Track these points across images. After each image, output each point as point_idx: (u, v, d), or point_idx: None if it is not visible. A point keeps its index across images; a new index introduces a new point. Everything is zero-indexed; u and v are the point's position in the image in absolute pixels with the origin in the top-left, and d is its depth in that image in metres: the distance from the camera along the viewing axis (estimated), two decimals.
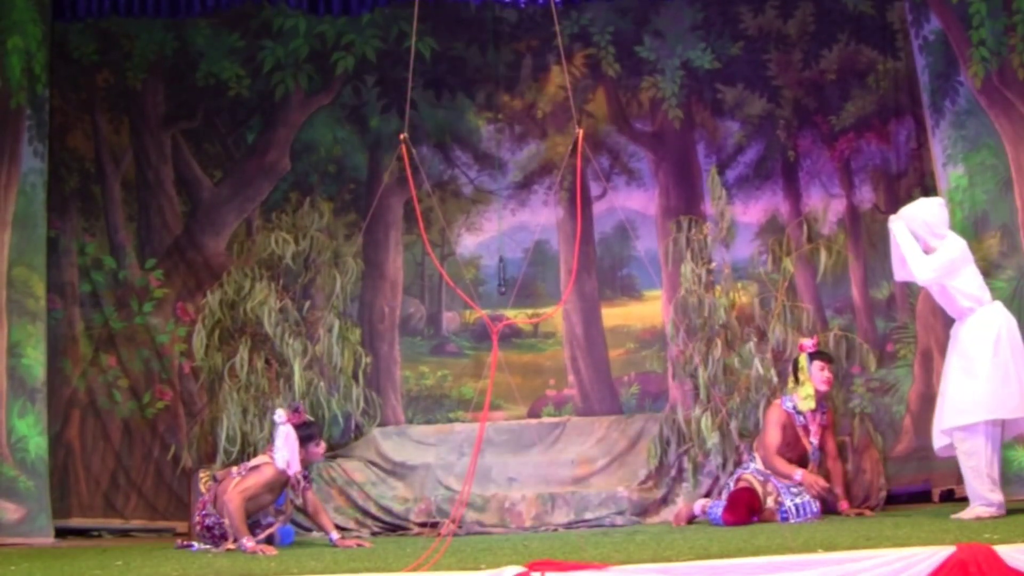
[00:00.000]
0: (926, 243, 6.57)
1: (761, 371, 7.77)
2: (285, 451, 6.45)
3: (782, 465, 7.18)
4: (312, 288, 8.43)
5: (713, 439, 7.73)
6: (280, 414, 6.54)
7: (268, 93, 8.90)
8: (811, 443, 7.32)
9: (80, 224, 8.72)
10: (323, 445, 6.82)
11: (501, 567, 4.37)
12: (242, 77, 8.91)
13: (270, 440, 6.72)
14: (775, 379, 7.79)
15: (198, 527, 6.75)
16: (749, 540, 5.47)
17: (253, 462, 6.65)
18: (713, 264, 8.20)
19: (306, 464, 6.67)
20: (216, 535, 6.56)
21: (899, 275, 6.78)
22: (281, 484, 6.59)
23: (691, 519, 7.43)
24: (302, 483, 6.61)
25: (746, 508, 6.99)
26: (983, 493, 6.22)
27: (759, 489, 7.14)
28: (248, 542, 6.19)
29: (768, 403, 7.56)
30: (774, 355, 7.92)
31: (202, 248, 8.73)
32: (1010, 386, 6.26)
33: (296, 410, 6.63)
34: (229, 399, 7.79)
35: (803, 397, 7.26)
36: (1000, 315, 6.46)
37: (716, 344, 7.94)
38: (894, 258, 6.72)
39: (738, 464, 7.59)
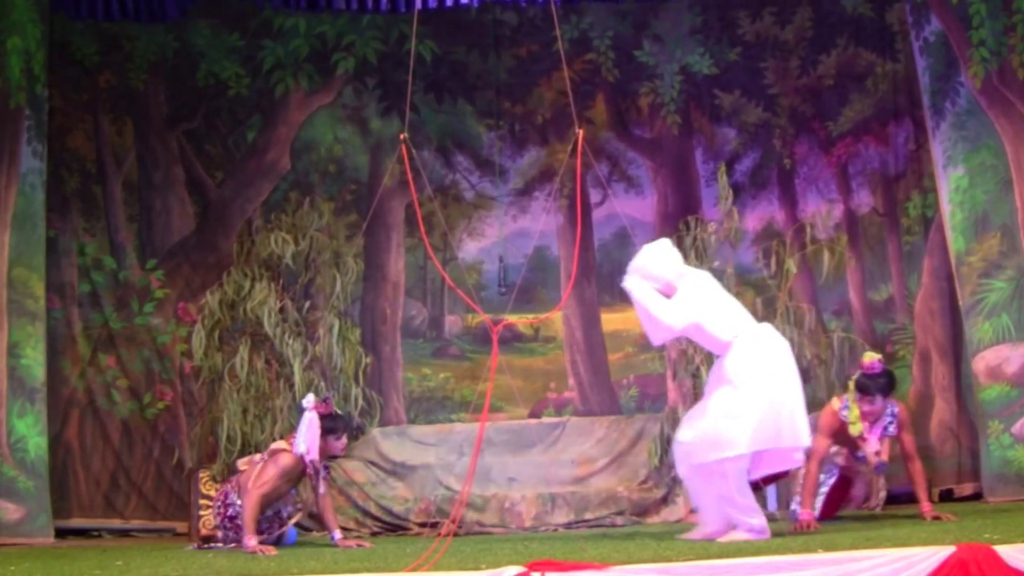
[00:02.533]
0: (669, 285, 6.19)
1: None
2: (306, 438, 6.39)
3: (810, 483, 6.69)
4: (312, 288, 8.44)
5: None
6: (309, 399, 6.49)
7: (268, 92, 8.91)
8: (864, 452, 6.91)
9: (80, 224, 8.72)
10: (345, 440, 6.70)
11: (501, 567, 4.37)
12: (242, 77, 8.92)
13: (293, 428, 6.64)
14: None
15: (219, 518, 6.73)
16: (749, 540, 5.48)
17: (273, 446, 6.62)
18: (716, 264, 8.19)
19: (324, 456, 6.59)
20: (240, 525, 6.51)
21: (655, 337, 6.24)
22: (299, 473, 6.54)
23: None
24: (321, 472, 6.55)
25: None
26: (743, 519, 5.86)
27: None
28: (251, 541, 6.18)
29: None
30: None
31: (216, 248, 8.74)
32: (775, 415, 5.88)
33: (325, 400, 6.57)
34: (229, 399, 7.79)
35: (852, 421, 6.86)
36: (765, 340, 6.09)
37: None
38: (642, 320, 6.20)
39: None
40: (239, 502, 6.56)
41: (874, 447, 6.84)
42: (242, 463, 6.82)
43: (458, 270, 8.55)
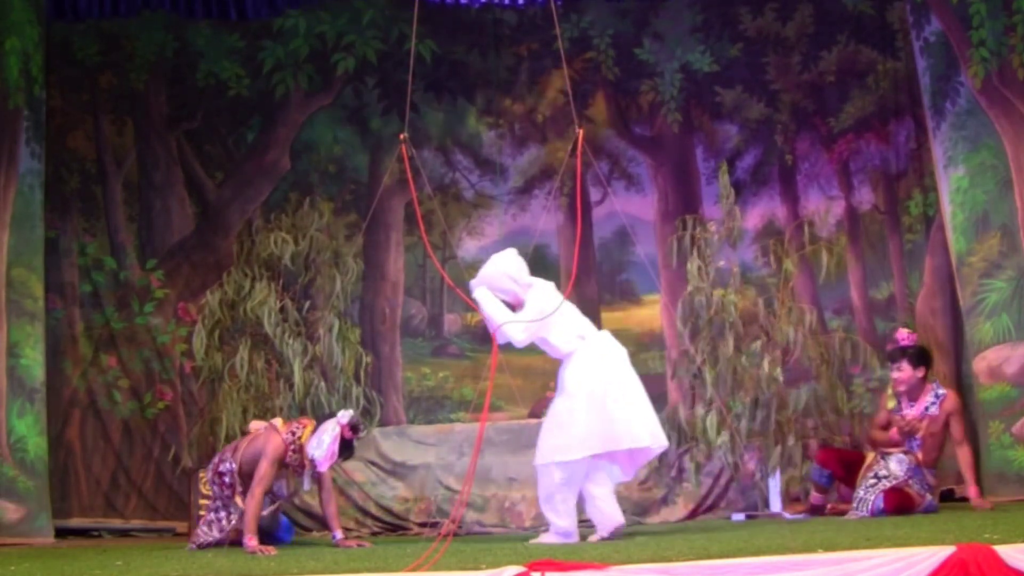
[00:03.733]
0: (516, 295, 6.33)
1: (768, 370, 7.76)
2: (325, 451, 6.38)
3: (879, 436, 7.23)
4: (312, 288, 8.44)
5: (722, 438, 7.70)
6: (346, 415, 6.48)
7: (268, 93, 8.91)
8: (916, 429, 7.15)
9: (81, 225, 8.72)
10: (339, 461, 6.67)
11: (501, 567, 4.35)
12: (242, 77, 8.92)
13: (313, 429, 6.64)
14: (781, 379, 7.78)
15: (211, 472, 6.75)
16: (749, 540, 5.47)
17: (273, 422, 6.62)
18: (722, 263, 8.18)
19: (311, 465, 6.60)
20: (227, 483, 6.59)
21: (502, 341, 6.36)
22: (283, 456, 6.52)
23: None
24: (307, 470, 6.55)
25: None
26: (554, 521, 6.15)
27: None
28: (251, 542, 6.19)
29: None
30: (783, 354, 7.90)
31: (215, 248, 8.74)
32: (610, 420, 6.10)
33: (355, 428, 6.54)
34: (229, 399, 7.79)
35: (889, 394, 7.28)
36: (602, 349, 6.28)
37: (727, 342, 7.92)
38: (490, 328, 6.37)
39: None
40: (232, 466, 6.61)
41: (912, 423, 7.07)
42: (255, 426, 6.83)
43: (457, 269, 8.53)
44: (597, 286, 8.93)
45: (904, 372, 7.14)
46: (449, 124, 9.03)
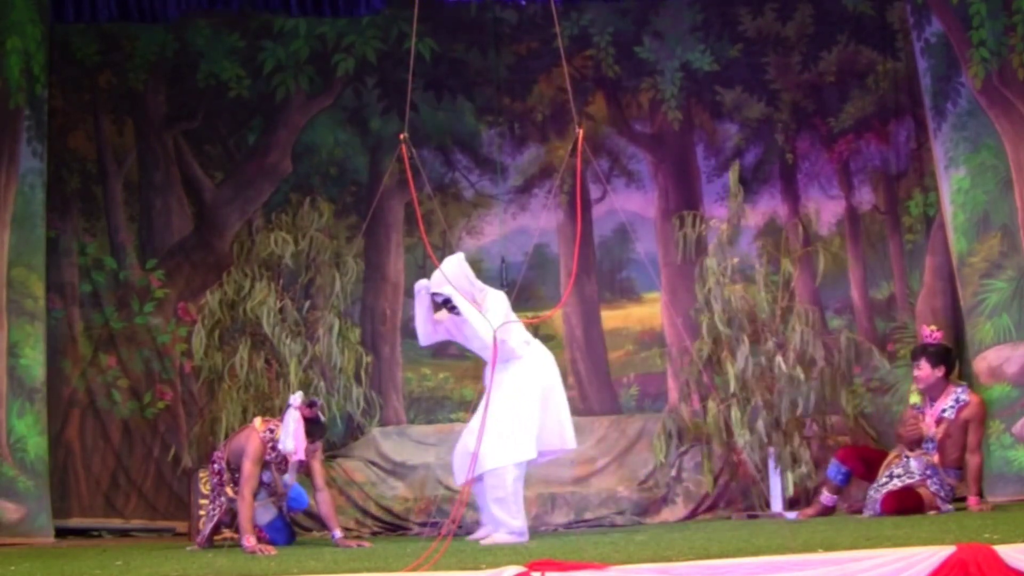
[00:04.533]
0: (472, 297, 6.55)
1: (785, 368, 7.75)
2: (293, 437, 6.43)
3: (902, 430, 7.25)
4: (312, 288, 8.44)
5: (744, 436, 7.70)
6: (297, 397, 6.52)
7: (269, 95, 8.90)
8: (928, 431, 7.18)
9: (81, 224, 8.71)
10: (317, 447, 6.71)
11: (501, 567, 4.36)
12: (242, 78, 8.91)
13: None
14: (801, 376, 7.78)
15: (211, 473, 6.87)
16: (749, 540, 5.48)
17: (253, 424, 6.67)
18: (735, 260, 8.19)
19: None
20: (223, 480, 6.71)
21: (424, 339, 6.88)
22: (263, 454, 6.56)
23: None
24: (292, 464, 6.65)
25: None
26: (507, 521, 6.31)
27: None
28: (249, 541, 6.20)
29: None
30: (796, 355, 7.90)
31: (213, 249, 8.74)
32: (552, 422, 6.51)
33: (311, 404, 6.58)
34: (229, 399, 7.79)
35: (913, 390, 7.32)
36: (541, 355, 6.65)
37: (742, 340, 7.91)
38: (422, 319, 6.79)
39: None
40: (221, 464, 6.74)
41: (930, 427, 7.10)
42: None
43: None
44: (597, 284, 8.93)
45: (923, 371, 7.18)
46: (449, 123, 9.02)
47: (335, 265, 8.35)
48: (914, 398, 7.33)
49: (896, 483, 7.08)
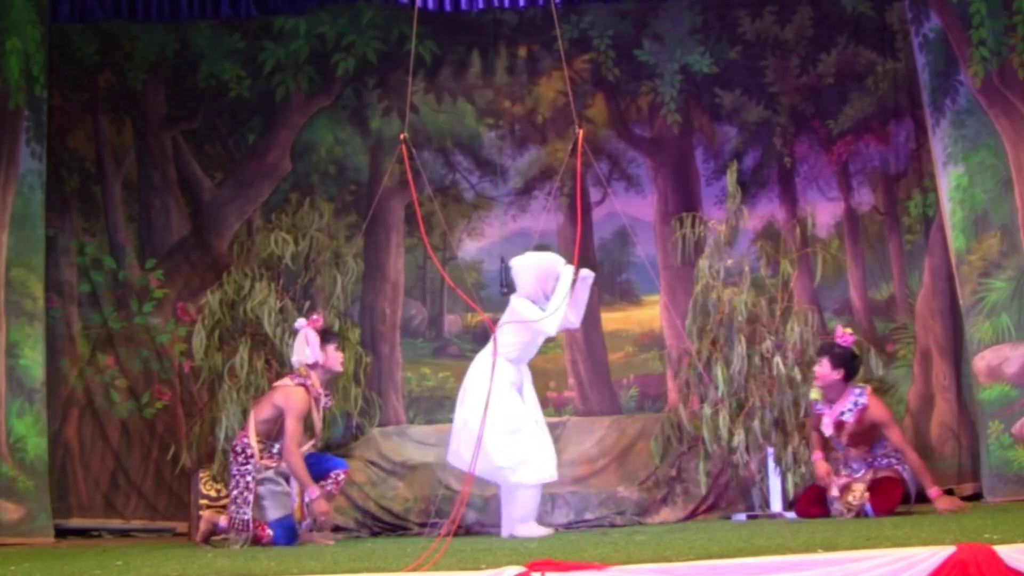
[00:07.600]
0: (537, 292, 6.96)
1: (783, 369, 7.76)
2: (311, 349, 6.73)
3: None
4: (312, 288, 8.43)
5: (739, 436, 7.70)
6: (300, 321, 6.88)
7: (269, 94, 8.91)
8: (827, 432, 7.23)
9: (80, 224, 8.72)
10: (341, 354, 7.06)
11: (501, 567, 4.35)
12: (243, 78, 8.92)
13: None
14: (799, 377, 7.79)
15: (236, 453, 6.87)
16: (749, 540, 5.48)
17: (279, 384, 6.89)
18: (730, 262, 8.18)
19: (327, 372, 6.96)
20: (249, 455, 6.77)
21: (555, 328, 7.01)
22: (309, 405, 6.79)
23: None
24: (323, 401, 6.90)
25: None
26: (531, 535, 6.62)
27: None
28: (315, 491, 6.60)
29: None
30: (796, 355, 7.90)
31: (210, 249, 8.74)
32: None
33: (315, 317, 6.89)
34: (228, 399, 7.78)
35: (814, 386, 7.32)
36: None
37: (740, 341, 7.92)
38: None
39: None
40: (246, 439, 6.81)
41: (827, 427, 7.12)
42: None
43: (457, 269, 8.54)
44: (597, 287, 8.91)
45: (823, 369, 7.14)
46: (449, 125, 9.03)
47: (335, 265, 8.35)
48: (814, 394, 7.31)
49: (858, 498, 7.01)
